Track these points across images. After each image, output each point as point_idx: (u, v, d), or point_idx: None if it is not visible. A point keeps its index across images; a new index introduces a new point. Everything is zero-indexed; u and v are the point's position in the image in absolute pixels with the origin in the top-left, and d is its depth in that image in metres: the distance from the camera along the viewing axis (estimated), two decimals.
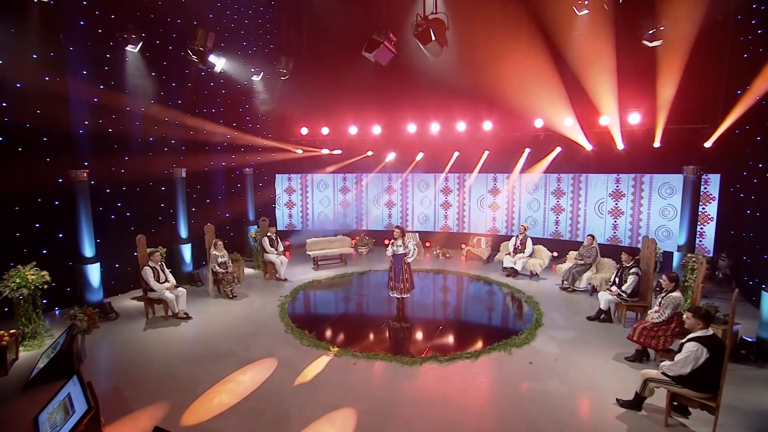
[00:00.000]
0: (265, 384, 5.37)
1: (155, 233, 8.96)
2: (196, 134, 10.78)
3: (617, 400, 4.88)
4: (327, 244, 11.36)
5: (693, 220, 8.19)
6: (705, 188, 9.43)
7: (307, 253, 11.11)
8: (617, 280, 7.24)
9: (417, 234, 12.97)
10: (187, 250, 9.73)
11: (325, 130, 13.07)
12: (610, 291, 7.25)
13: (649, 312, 5.93)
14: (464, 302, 8.78)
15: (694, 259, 7.44)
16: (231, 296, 8.62)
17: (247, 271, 10.53)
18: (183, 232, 9.72)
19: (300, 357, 6.06)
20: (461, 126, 12.07)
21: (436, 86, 11.47)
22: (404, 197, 13.73)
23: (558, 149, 11.29)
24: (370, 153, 13.13)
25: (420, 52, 10.79)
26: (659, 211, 10.24)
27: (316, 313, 8.13)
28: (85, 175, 7.57)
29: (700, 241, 9.56)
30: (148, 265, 7.55)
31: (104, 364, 6.06)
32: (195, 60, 8.08)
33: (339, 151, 13.33)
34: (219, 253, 8.68)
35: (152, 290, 7.45)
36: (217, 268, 8.59)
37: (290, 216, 13.97)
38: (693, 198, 8.20)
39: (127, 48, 8.41)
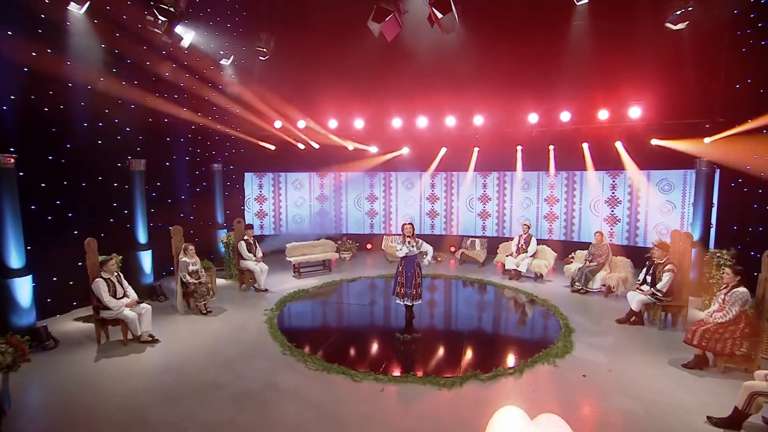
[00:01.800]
0: (275, 427, 4.11)
1: (106, 238, 7.28)
2: (156, 121, 9.16)
3: (708, 418, 4.14)
4: (309, 249, 10.08)
5: (707, 215, 7.85)
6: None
7: (287, 259, 9.78)
8: (648, 278, 6.65)
9: None
10: (146, 258, 8.10)
11: (301, 124, 11.82)
12: (641, 291, 6.65)
13: (706, 311, 5.32)
14: (477, 309, 7.90)
15: (718, 254, 7.06)
16: (205, 312, 7.16)
17: (219, 281, 9.03)
18: (141, 237, 8.08)
19: (309, 385, 4.84)
20: (450, 121, 11.32)
21: (425, 77, 10.64)
22: (387, 197, 12.74)
23: (551, 147, 10.86)
24: (351, 147, 12.03)
25: (413, 36, 10.00)
26: (658, 208, 9.99)
27: (314, 329, 6.88)
28: (11, 161, 5.87)
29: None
30: (101, 277, 5.97)
31: (40, 411, 4.48)
32: (159, 24, 6.62)
33: (317, 146, 12.11)
34: (190, 260, 7.20)
35: (107, 308, 5.88)
36: (188, 278, 7.11)
37: (261, 218, 12.49)
38: (706, 192, 7.88)
39: (69, 7, 6.79)
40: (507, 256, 9.80)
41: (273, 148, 11.95)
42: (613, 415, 4.28)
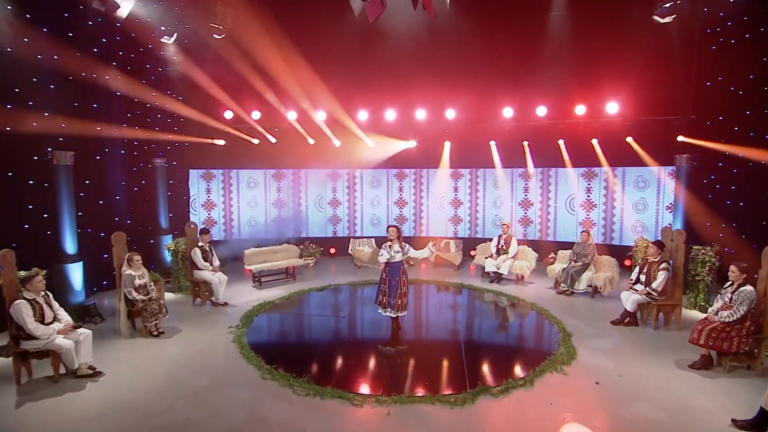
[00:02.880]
0: None
1: (20, 248, 6.28)
2: (83, 106, 8.16)
3: (733, 421, 4.25)
4: (270, 255, 9.49)
5: (688, 211, 8.32)
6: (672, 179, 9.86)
7: (247, 267, 9.14)
8: (642, 277, 6.89)
9: (373, 240, 11.72)
10: (75, 272, 7.14)
11: (256, 115, 11.16)
12: (635, 290, 6.86)
13: (710, 310, 5.55)
14: (465, 316, 7.78)
15: (703, 251, 7.48)
16: (156, 333, 6.42)
17: (166, 296, 8.21)
18: (69, 246, 7.12)
19: (303, 415, 4.41)
20: (420, 114, 11.22)
21: (396, 67, 10.45)
22: (352, 196, 12.39)
23: (526, 143, 11.09)
24: (311, 141, 11.55)
25: (387, 23, 9.75)
26: (633, 205, 10.50)
27: (291, 346, 6.36)
28: None
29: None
30: (24, 298, 5.11)
31: None
32: None
33: (274, 140, 11.50)
34: (136, 273, 6.42)
35: (31, 337, 5.03)
36: (135, 294, 6.33)
37: (210, 221, 11.64)
38: (687, 188, 8.35)
39: None
40: (486, 258, 9.82)
41: (222, 143, 11.19)
42: (638, 425, 4.28)
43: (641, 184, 10.37)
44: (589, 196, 10.99)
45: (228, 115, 11.07)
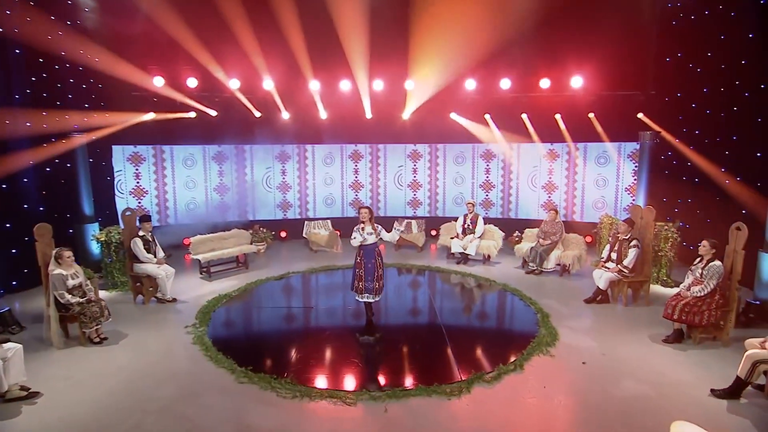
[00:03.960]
0: None
1: None
2: None
3: (712, 391, 4.79)
4: (218, 242, 9.11)
5: (654, 187, 9.06)
6: (635, 149, 10.63)
7: (193, 257, 8.72)
8: (614, 255, 7.45)
9: (329, 221, 11.63)
10: None
11: (192, 82, 10.46)
12: (607, 268, 7.42)
13: (681, 285, 6.14)
14: (440, 300, 7.97)
15: (666, 227, 8.21)
16: (98, 340, 5.98)
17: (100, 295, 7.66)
18: None
19: (295, 420, 4.34)
20: (378, 85, 11.12)
21: (350, 33, 10.20)
22: (303, 175, 12.13)
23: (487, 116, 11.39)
24: (258, 114, 11.07)
25: None
26: (594, 182, 11.23)
27: (262, 344, 6.12)
28: None
29: (633, 198, 10.75)
30: None
31: None
32: None
33: (213, 113, 10.88)
34: (67, 272, 5.89)
35: None
36: (68, 296, 5.82)
37: (139, 206, 10.88)
38: (651, 164, 9.07)
39: None
40: (452, 238, 10.12)
41: (152, 116, 10.37)
42: (629, 401, 4.70)
43: (602, 160, 11.09)
44: (550, 172, 11.58)
45: (158, 82, 10.27)
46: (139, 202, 10.83)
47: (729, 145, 8.31)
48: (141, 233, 7.36)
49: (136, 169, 10.80)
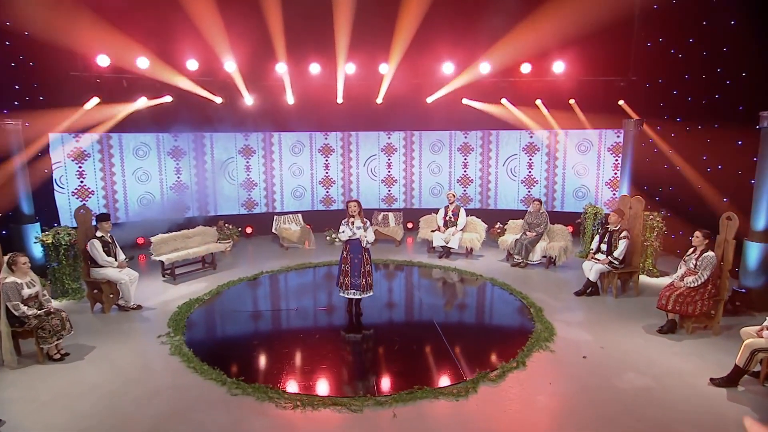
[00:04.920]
0: None
1: None
2: None
3: (711, 380, 5.20)
4: (182, 241, 8.89)
5: (641, 176, 9.58)
6: (617, 142, 11.18)
7: (155, 258, 8.48)
8: (603, 246, 7.85)
9: (300, 216, 11.57)
10: None
11: (143, 63, 10.04)
12: (597, 260, 7.82)
13: (675, 276, 6.57)
14: (429, 296, 8.12)
15: (651, 216, 8.72)
16: (59, 356, 5.74)
17: None
18: None
19: (297, 431, 4.42)
20: (350, 68, 11.11)
21: (320, 14, 10.12)
22: (269, 165, 11.98)
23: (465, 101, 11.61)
24: (219, 100, 10.80)
25: None
26: (575, 170, 11.71)
27: (248, 351, 5.98)
28: None
29: (614, 193, 11.33)
30: None
31: None
32: None
33: (168, 99, 10.51)
34: (22, 280, 5.61)
35: None
36: (24, 308, 5.54)
37: (84, 200, 10.43)
38: (635, 153, 9.57)
39: None
40: (432, 231, 10.32)
41: (95, 102, 9.89)
42: (632, 393, 5.00)
43: (583, 148, 11.57)
44: (531, 162, 11.97)
45: (103, 61, 9.82)
46: (84, 201, 10.34)
47: (711, 132, 8.86)
48: (99, 234, 7.08)
49: (79, 166, 10.29)
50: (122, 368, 5.52)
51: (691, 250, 6.43)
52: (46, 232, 7.68)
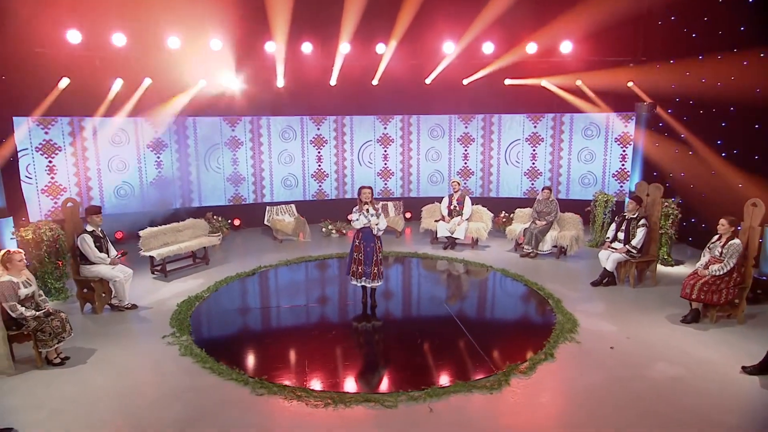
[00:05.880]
0: None
1: None
2: None
3: (743, 368, 5.52)
4: (173, 235, 8.86)
5: (650, 162, 9.92)
6: (627, 124, 11.52)
7: (144, 254, 8.44)
8: (620, 235, 8.15)
9: (293, 206, 11.61)
10: None
11: (120, 39, 9.86)
12: (614, 249, 8.12)
13: (698, 264, 6.90)
14: (442, 289, 8.40)
15: (666, 204, 9.07)
16: (59, 360, 5.72)
17: None
18: None
19: (338, 428, 4.56)
20: (345, 48, 11.15)
21: None
22: (257, 151, 11.96)
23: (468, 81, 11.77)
24: (203, 83, 10.70)
25: None
26: (581, 156, 12.03)
27: (263, 349, 6.17)
28: None
29: (621, 185, 11.71)
30: None
31: None
32: None
33: (148, 82, 10.34)
34: (17, 279, 5.56)
35: None
36: (22, 310, 5.50)
37: (54, 194, 10.25)
38: (648, 137, 9.90)
39: None
40: (436, 221, 10.51)
41: (65, 83, 9.66)
42: (667, 383, 5.28)
43: (589, 132, 11.88)
44: (534, 145, 12.24)
45: (74, 37, 9.55)
46: (51, 177, 10.11)
47: (726, 115, 9.21)
48: (89, 228, 7.02)
49: (49, 159, 10.07)
50: (131, 371, 5.54)
51: (716, 237, 6.74)
52: (26, 228, 7.56)
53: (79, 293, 7.15)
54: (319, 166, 12.31)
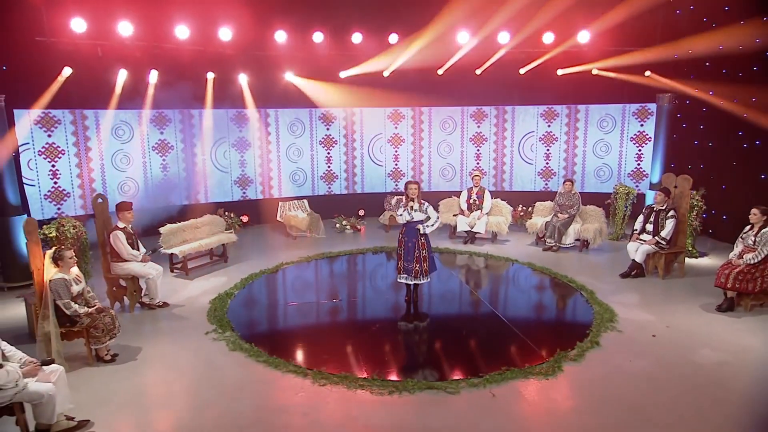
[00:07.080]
0: None
1: None
2: None
3: None
4: (191, 232, 9.16)
5: (669, 153, 10.54)
6: (643, 123, 12.17)
7: (164, 251, 8.74)
8: (649, 226, 8.73)
9: (305, 202, 11.97)
10: None
11: (125, 29, 10.06)
12: (642, 241, 8.70)
13: (731, 254, 7.49)
14: (473, 283, 8.96)
15: (691, 196, 9.68)
16: (109, 357, 6.04)
17: None
18: None
19: (409, 414, 4.92)
20: (357, 38, 11.57)
21: None
22: (265, 145, 12.29)
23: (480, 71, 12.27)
24: (211, 75, 11.00)
25: None
26: (597, 149, 12.63)
27: (312, 342, 6.67)
28: None
29: (637, 184, 12.35)
30: None
31: None
32: None
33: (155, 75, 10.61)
34: (69, 276, 5.87)
35: None
36: (76, 307, 5.79)
37: (54, 190, 10.44)
38: (668, 129, 10.52)
39: None
40: (455, 215, 11.00)
41: (68, 72, 9.85)
42: (714, 368, 5.86)
43: (605, 124, 12.49)
44: (549, 137, 12.81)
45: (78, 26, 9.74)
46: (55, 183, 10.34)
47: (747, 107, 9.85)
48: (121, 225, 7.32)
49: (52, 157, 10.26)
50: (184, 367, 5.89)
51: (748, 227, 7.36)
52: (49, 225, 7.80)
53: (109, 291, 7.43)
54: (328, 166, 12.65)
